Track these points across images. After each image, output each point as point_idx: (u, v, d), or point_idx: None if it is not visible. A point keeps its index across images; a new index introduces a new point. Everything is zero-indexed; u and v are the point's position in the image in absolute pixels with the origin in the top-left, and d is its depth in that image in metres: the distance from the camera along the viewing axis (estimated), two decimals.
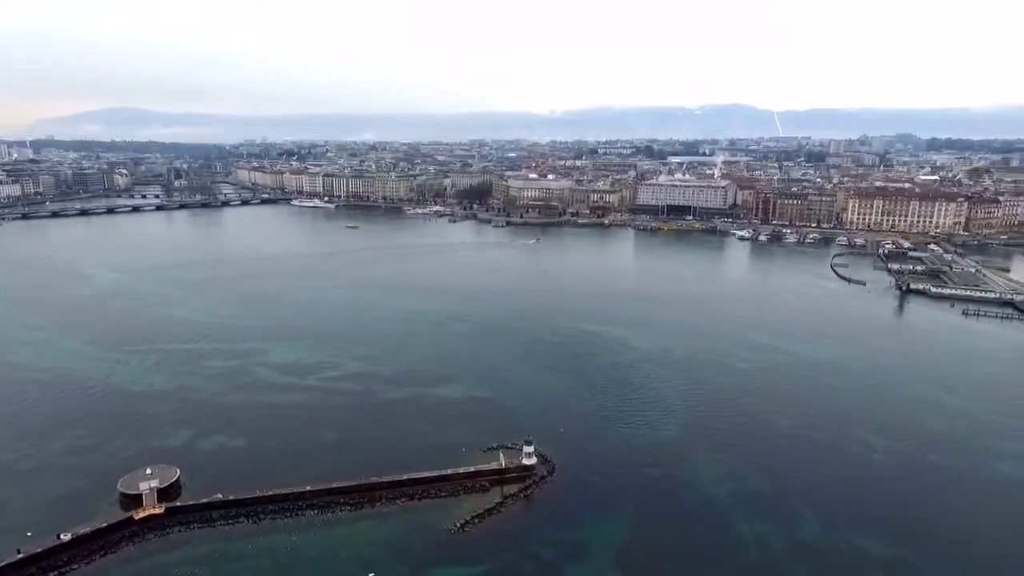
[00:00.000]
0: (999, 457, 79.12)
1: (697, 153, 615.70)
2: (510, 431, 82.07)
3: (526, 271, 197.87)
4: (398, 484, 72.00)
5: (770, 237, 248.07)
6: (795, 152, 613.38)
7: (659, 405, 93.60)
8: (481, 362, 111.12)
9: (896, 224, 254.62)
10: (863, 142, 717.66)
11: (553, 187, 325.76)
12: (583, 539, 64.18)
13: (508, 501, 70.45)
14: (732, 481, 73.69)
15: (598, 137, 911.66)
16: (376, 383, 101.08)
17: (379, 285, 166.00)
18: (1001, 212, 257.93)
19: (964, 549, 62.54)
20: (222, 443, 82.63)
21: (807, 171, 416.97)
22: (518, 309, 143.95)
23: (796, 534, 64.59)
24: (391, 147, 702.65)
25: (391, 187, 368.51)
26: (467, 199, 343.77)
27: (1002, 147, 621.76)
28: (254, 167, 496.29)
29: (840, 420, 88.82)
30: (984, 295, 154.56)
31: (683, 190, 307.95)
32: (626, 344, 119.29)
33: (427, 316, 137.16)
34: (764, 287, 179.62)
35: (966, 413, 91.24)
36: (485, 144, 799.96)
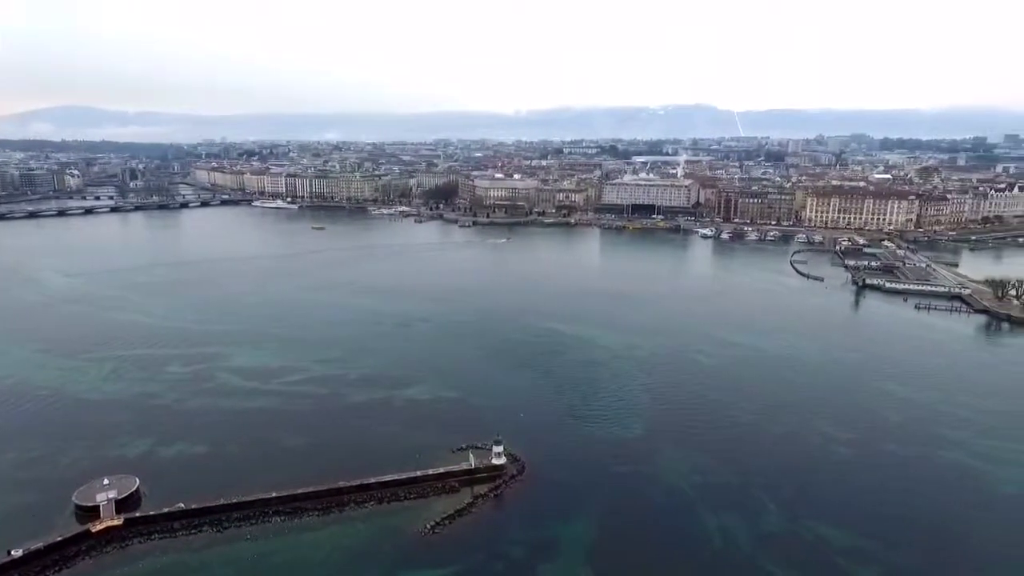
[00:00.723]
0: (950, 445, 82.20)
1: (661, 153, 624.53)
2: (479, 431, 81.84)
3: (493, 271, 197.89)
4: (366, 488, 71.15)
5: (732, 235, 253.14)
6: (755, 152, 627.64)
7: (626, 402, 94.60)
8: (448, 362, 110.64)
9: (852, 222, 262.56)
10: (820, 142, 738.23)
11: (519, 187, 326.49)
12: (553, 537, 64.46)
13: (478, 501, 70.29)
14: (698, 475, 74.92)
15: (563, 137, 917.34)
16: (342, 386, 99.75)
17: (344, 287, 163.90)
18: (949, 209, 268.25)
19: (920, 535, 64.80)
20: (183, 451, 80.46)
21: (767, 170, 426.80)
22: (485, 308, 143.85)
23: (760, 525, 66.01)
24: (355, 147, 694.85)
25: (355, 187, 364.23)
26: (433, 199, 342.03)
27: (949, 147, 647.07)
28: (214, 167, 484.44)
29: (801, 412, 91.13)
30: (934, 289, 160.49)
31: (647, 189, 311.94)
32: (593, 342, 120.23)
33: (393, 317, 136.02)
34: (727, 284, 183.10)
35: (919, 403, 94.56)
36: (450, 144, 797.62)
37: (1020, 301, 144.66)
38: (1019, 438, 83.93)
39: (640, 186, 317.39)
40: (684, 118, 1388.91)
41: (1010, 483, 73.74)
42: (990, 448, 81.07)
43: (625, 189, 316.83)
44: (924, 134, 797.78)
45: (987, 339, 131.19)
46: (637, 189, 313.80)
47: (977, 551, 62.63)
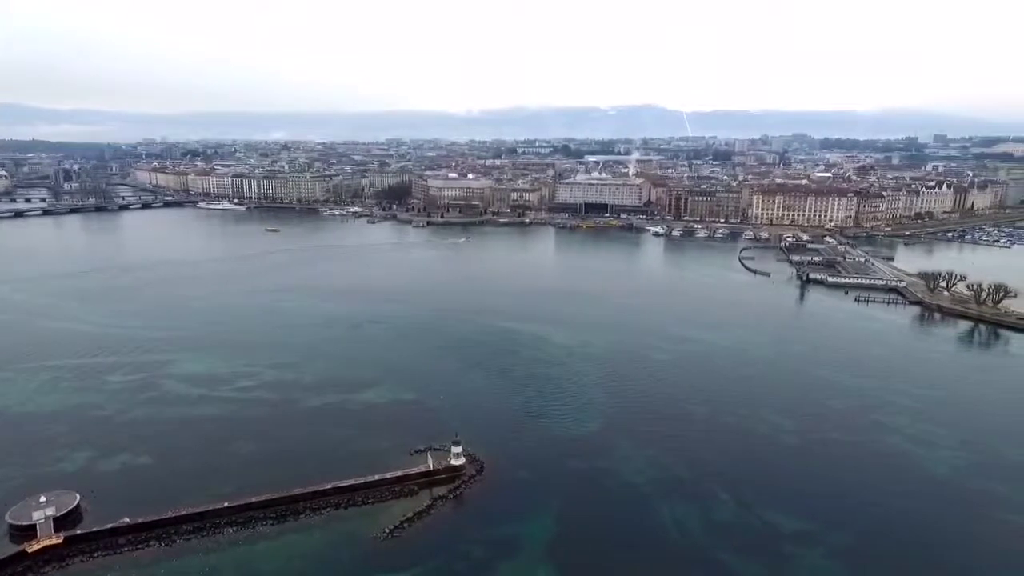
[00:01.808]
0: (888, 431, 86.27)
1: (612, 152, 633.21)
2: (437, 432, 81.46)
3: (448, 270, 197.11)
4: (322, 494, 69.86)
5: (683, 232, 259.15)
6: (703, 151, 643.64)
7: (582, 398, 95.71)
8: (404, 364, 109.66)
9: (796, 219, 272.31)
10: (764, 142, 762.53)
11: (474, 186, 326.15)
12: (513, 535, 64.72)
13: (438, 503, 69.93)
14: (653, 468, 76.42)
15: (516, 136, 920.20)
16: (295, 391, 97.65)
17: (296, 289, 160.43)
18: (885, 206, 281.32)
19: (863, 517, 67.65)
20: (127, 463, 77.29)
21: (715, 169, 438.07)
22: (440, 308, 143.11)
23: (713, 515, 67.82)
24: (305, 147, 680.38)
25: (306, 188, 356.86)
26: (386, 199, 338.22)
27: (884, 146, 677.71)
28: (155, 168, 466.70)
29: (751, 404, 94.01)
30: (872, 283, 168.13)
31: (600, 188, 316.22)
32: (548, 340, 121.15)
33: (347, 319, 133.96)
34: (678, 280, 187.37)
35: (860, 391, 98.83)
36: (403, 143, 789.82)
37: (949, 292, 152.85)
38: (949, 422, 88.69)
39: (593, 185, 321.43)
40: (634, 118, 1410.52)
41: (941, 464, 77.83)
42: (924, 432, 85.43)
43: (578, 188, 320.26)
44: (861, 134, 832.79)
45: (921, 329, 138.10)
46: (590, 188, 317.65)
47: (912, 529, 65.90)
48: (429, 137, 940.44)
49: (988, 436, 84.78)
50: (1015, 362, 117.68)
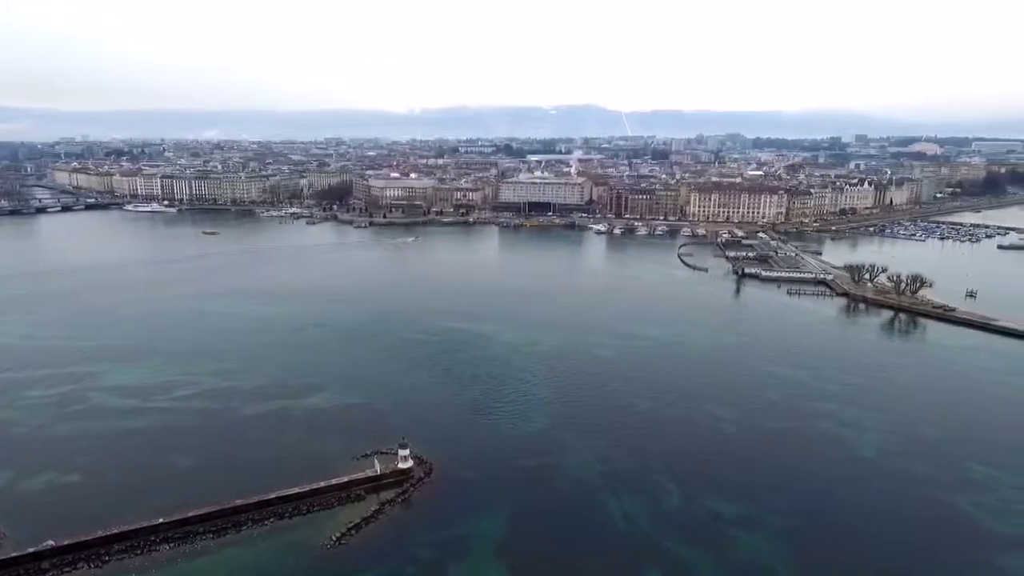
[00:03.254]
0: (820, 417, 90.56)
1: (554, 151, 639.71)
2: (384, 435, 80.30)
3: (391, 271, 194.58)
4: (266, 504, 67.72)
5: (624, 230, 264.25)
6: (642, 150, 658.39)
7: (529, 396, 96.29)
8: (348, 367, 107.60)
9: (731, 216, 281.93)
10: (700, 141, 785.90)
11: (416, 186, 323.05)
12: (463, 536, 64.50)
13: (386, 508, 68.95)
14: (600, 463, 77.67)
15: (458, 136, 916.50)
16: (235, 399, 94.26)
17: (232, 293, 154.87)
18: (813, 203, 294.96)
19: (800, 499, 70.85)
20: (52, 482, 72.76)
21: (653, 168, 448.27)
22: (384, 310, 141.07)
23: (660, 506, 69.54)
24: (239, 146, 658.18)
25: (241, 188, 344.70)
26: (326, 200, 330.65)
27: (810, 145, 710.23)
28: (76, 168, 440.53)
29: (693, 397, 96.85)
30: (803, 276, 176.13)
31: (543, 187, 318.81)
32: (494, 339, 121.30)
33: (288, 322, 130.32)
34: (621, 277, 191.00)
35: (794, 381, 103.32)
36: (343, 143, 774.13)
37: (872, 284, 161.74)
38: (875, 407, 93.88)
39: (536, 184, 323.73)
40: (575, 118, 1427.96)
41: (869, 447, 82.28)
42: (852, 417, 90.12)
43: (521, 187, 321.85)
44: (789, 134, 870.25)
45: (847, 319, 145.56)
46: (533, 187, 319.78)
47: (845, 508, 69.36)
48: (370, 136, 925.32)
49: (908, 418, 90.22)
50: (931, 348, 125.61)
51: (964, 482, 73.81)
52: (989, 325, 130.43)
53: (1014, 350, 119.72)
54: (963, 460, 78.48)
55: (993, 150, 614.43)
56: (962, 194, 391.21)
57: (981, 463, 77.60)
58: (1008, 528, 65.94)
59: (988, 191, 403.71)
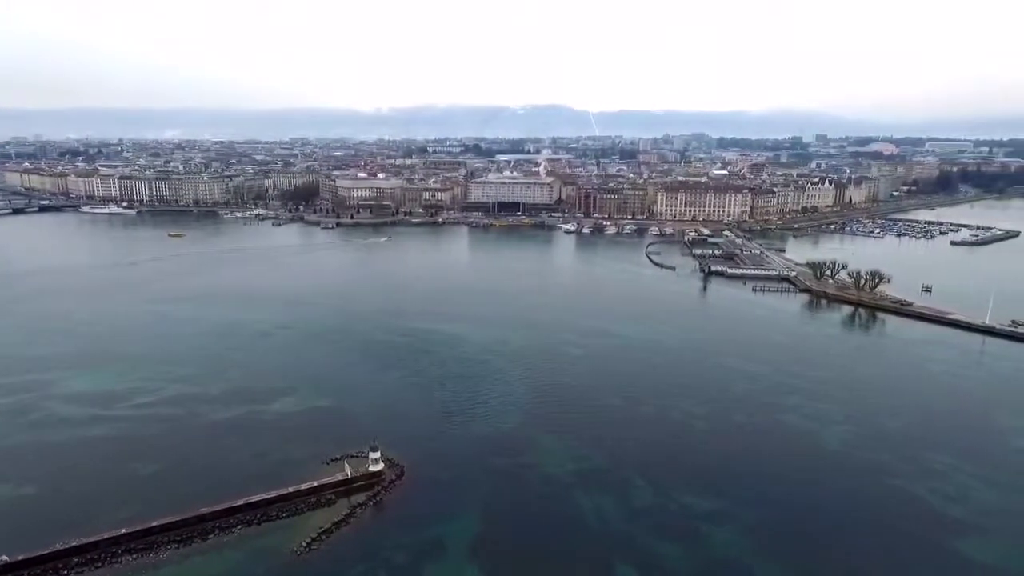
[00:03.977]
0: (786, 410, 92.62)
1: (523, 151, 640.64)
2: (354, 439, 79.43)
3: (359, 273, 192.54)
4: (233, 511, 66.34)
5: (592, 229, 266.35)
6: (610, 150, 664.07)
7: (500, 396, 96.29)
8: (317, 370, 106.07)
9: (697, 214, 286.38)
10: (666, 141, 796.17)
11: (384, 186, 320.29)
12: (436, 537, 64.17)
13: (357, 511, 68.19)
14: (573, 461, 78.08)
15: (426, 135, 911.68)
16: (200, 404, 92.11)
17: (196, 297, 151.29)
18: (776, 201, 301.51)
19: (767, 492, 72.23)
20: (6, 495, 70.08)
21: (621, 167, 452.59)
22: (352, 312, 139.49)
23: (631, 502, 70.24)
24: (201, 146, 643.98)
25: (203, 189, 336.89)
26: (292, 201, 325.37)
27: (773, 145, 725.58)
28: (28, 169, 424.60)
29: (662, 393, 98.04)
30: (767, 273, 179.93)
31: (512, 187, 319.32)
32: (465, 339, 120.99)
33: (254, 326, 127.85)
34: (590, 276, 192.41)
35: (760, 376, 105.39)
36: (308, 143, 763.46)
37: (834, 280, 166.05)
38: (838, 400, 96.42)
39: (505, 184, 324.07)
40: (543, 117, 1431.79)
41: (832, 440, 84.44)
42: (816, 410, 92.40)
43: (490, 187, 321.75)
44: (752, 134, 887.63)
45: (810, 315, 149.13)
46: (502, 187, 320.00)
47: (811, 500, 71.08)
48: (336, 136, 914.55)
49: (870, 410, 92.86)
50: (889, 341, 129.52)
51: (923, 471, 76.26)
52: (943, 319, 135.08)
53: (966, 343, 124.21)
54: (921, 450, 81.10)
55: (945, 150, 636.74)
56: (917, 192, 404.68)
57: (938, 452, 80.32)
58: (963, 513, 68.40)
59: (941, 189, 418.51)
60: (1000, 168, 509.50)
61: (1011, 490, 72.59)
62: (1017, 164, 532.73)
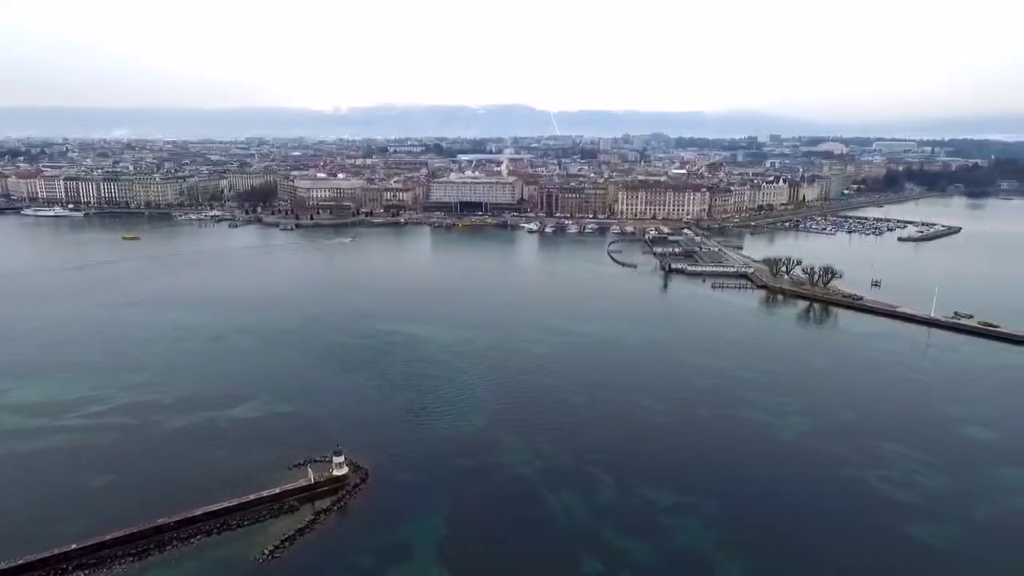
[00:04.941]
0: (744, 404, 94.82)
1: (484, 151, 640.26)
2: (317, 443, 78.17)
3: (318, 274, 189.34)
4: (191, 521, 64.48)
5: (555, 229, 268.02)
6: (571, 149, 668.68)
7: (465, 396, 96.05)
8: (277, 374, 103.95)
9: (657, 213, 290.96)
10: (626, 140, 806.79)
11: (344, 186, 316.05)
12: (403, 540, 63.63)
13: (321, 517, 67.07)
14: (539, 459, 78.42)
15: (386, 135, 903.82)
16: (155, 412, 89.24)
17: (149, 301, 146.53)
18: (733, 200, 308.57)
19: (728, 484, 73.84)
20: None
21: (582, 167, 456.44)
22: (311, 314, 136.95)
23: (597, 498, 70.90)
24: (152, 146, 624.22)
25: (156, 191, 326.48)
26: (249, 202, 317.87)
27: (729, 145, 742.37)
28: None
29: (625, 390, 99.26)
30: (725, 270, 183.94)
31: (474, 187, 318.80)
32: (428, 340, 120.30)
33: (210, 330, 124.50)
34: (553, 275, 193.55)
35: (721, 371, 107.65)
36: (265, 142, 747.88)
37: (789, 276, 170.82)
38: (794, 392, 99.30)
39: (467, 184, 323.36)
40: (504, 117, 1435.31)
41: (788, 431, 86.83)
42: (774, 403, 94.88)
43: (452, 187, 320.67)
44: (710, 134, 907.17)
45: (767, 310, 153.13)
46: (464, 187, 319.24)
47: (770, 491, 72.93)
48: (294, 136, 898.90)
49: (824, 402, 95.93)
50: (842, 335, 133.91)
51: (874, 459, 79.06)
52: (892, 312, 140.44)
53: (913, 334, 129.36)
54: (872, 439, 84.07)
55: (892, 149, 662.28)
56: (866, 190, 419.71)
57: (887, 441, 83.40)
58: (912, 498, 71.21)
59: (888, 187, 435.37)
60: (942, 167, 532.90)
61: (957, 475, 75.86)
62: (958, 163, 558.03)
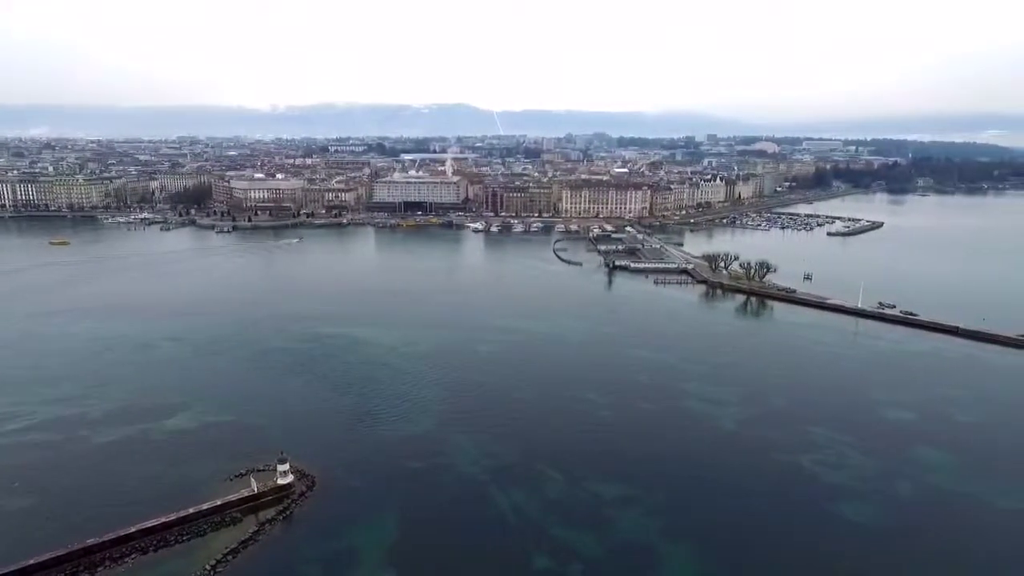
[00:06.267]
0: (686, 396, 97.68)
1: (428, 150, 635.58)
2: (260, 452, 75.95)
3: (256, 278, 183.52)
4: (125, 539, 61.49)
5: (500, 228, 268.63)
6: (515, 149, 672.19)
7: (412, 398, 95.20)
8: (214, 382, 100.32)
9: (600, 211, 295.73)
10: (569, 140, 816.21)
11: (284, 187, 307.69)
12: (352, 546, 62.59)
13: (265, 527, 65.17)
14: (487, 458, 78.54)
15: (326, 135, 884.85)
16: (81, 427, 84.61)
17: (71, 310, 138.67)
18: (673, 198, 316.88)
19: (671, 474, 75.93)
20: None
21: (526, 166, 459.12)
22: (248, 319, 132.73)
23: (545, 494, 71.59)
24: (75, 145, 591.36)
25: (79, 193, 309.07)
26: (182, 203, 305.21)
27: (668, 144, 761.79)
28: None
29: (571, 386, 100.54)
30: (667, 266, 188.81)
31: (418, 187, 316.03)
32: (373, 342, 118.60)
33: (136, 339, 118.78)
34: (499, 274, 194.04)
35: (663, 365, 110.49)
36: (198, 141, 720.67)
37: (727, 271, 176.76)
38: (733, 383, 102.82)
39: (411, 184, 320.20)
40: (447, 117, 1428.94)
41: (728, 420, 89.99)
42: (714, 394, 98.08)
43: (396, 187, 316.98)
44: (649, 133, 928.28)
45: (707, 304, 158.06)
46: (408, 187, 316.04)
47: (712, 478, 75.36)
48: (229, 135, 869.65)
49: (761, 391, 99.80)
50: (777, 326, 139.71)
51: (807, 444, 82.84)
52: (823, 304, 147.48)
53: (842, 325, 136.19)
54: (805, 425, 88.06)
55: (820, 148, 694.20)
56: (797, 188, 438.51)
57: (819, 426, 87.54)
58: (842, 480, 75.00)
59: (817, 185, 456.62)
60: (865, 166, 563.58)
61: (883, 457, 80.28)
62: (880, 161, 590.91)
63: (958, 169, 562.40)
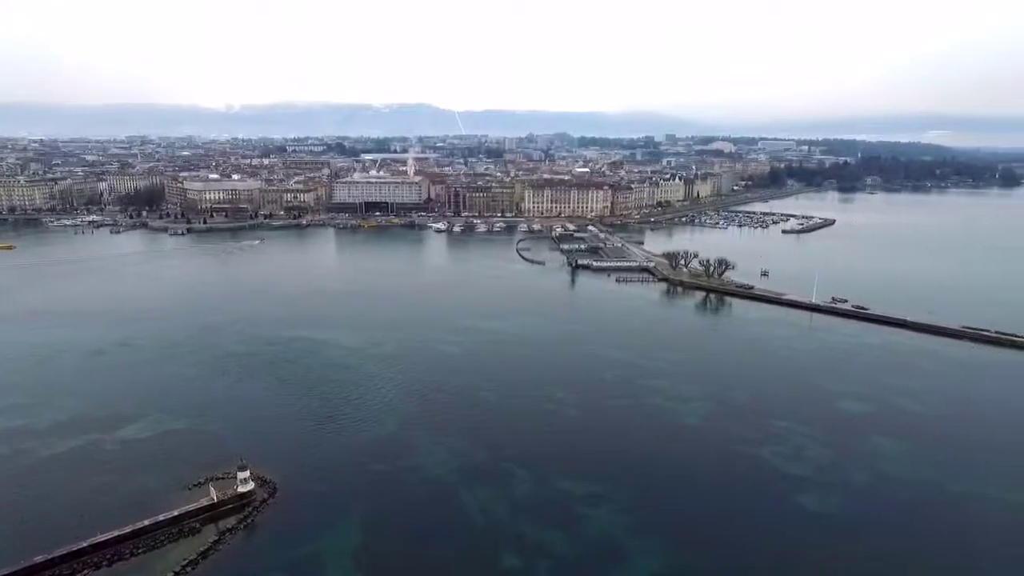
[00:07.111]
0: (650, 392, 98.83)
1: (389, 150, 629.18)
2: (219, 459, 73.80)
3: (213, 281, 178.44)
4: (76, 555, 58.94)
5: (463, 228, 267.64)
6: (477, 148, 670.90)
7: (376, 400, 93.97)
8: (170, 389, 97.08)
9: (562, 211, 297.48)
10: (531, 140, 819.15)
11: (240, 188, 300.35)
12: (316, 552, 61.29)
13: (226, 537, 63.37)
14: (454, 459, 78.00)
15: (285, 134, 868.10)
16: (28, 439, 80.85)
17: (14, 317, 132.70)
18: (634, 197, 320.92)
19: (637, 470, 76.63)
20: None
21: (488, 166, 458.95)
22: (204, 323, 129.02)
23: (513, 493, 71.46)
24: (15, 145, 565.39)
25: (21, 194, 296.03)
26: (133, 205, 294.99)
27: (628, 144, 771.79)
28: None
29: (537, 384, 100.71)
30: (629, 264, 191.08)
31: (379, 187, 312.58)
32: (335, 344, 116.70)
33: (88, 346, 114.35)
34: (463, 273, 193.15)
35: (627, 362, 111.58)
36: (150, 141, 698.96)
37: (687, 269, 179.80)
38: (695, 378, 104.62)
39: (372, 184, 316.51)
40: (408, 116, 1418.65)
41: (692, 416, 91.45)
42: (677, 390, 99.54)
43: (357, 187, 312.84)
44: (610, 133, 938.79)
45: (668, 302, 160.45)
46: (369, 187, 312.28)
47: (677, 473, 76.61)
48: (182, 135, 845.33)
49: (721, 385, 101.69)
50: (736, 322, 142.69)
51: (767, 436, 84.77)
52: (779, 299, 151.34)
53: (798, 319, 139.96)
54: (765, 418, 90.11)
55: (774, 148, 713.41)
56: (753, 186, 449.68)
57: (778, 419, 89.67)
58: (801, 471, 76.96)
59: (772, 184, 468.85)
60: (817, 165, 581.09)
61: (839, 447, 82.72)
62: (831, 161, 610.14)
63: (904, 168, 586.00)
